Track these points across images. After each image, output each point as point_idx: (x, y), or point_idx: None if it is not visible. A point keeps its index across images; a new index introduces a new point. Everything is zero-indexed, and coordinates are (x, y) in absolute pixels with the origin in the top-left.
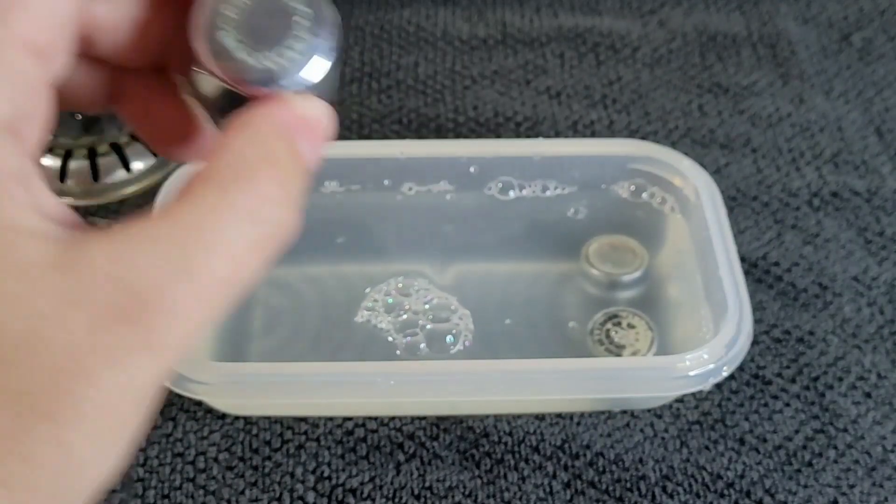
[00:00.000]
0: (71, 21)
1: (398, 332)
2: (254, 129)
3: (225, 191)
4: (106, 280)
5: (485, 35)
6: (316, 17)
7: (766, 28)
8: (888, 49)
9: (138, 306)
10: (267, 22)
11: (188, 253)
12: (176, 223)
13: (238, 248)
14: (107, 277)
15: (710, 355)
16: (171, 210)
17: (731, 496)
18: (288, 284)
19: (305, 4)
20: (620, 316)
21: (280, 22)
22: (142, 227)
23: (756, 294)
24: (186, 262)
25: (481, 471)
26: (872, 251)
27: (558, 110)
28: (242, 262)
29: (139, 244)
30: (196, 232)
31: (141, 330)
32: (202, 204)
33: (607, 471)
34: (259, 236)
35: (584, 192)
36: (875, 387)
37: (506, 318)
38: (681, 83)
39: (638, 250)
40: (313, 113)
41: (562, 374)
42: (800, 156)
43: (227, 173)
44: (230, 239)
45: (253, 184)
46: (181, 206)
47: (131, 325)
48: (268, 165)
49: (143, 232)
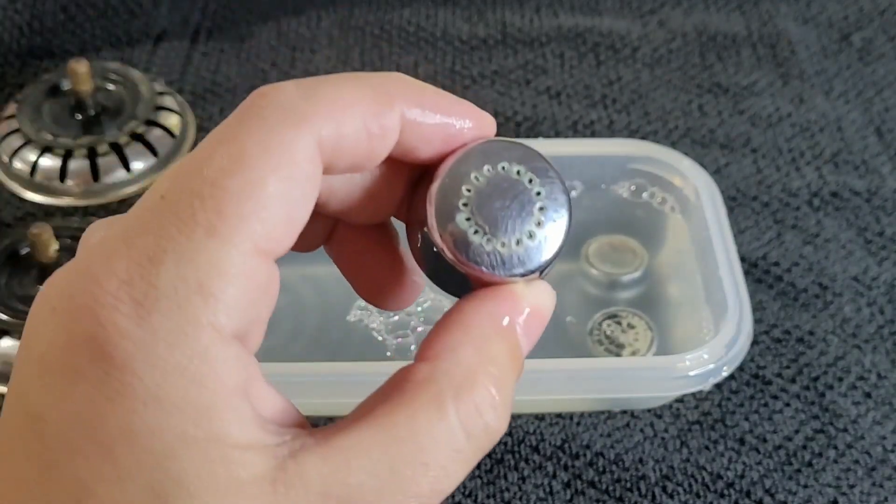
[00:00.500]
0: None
1: (389, 333)
2: (477, 331)
3: (442, 403)
4: (318, 497)
5: (485, 35)
6: (549, 196)
7: (766, 28)
8: (888, 49)
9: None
10: (500, 203)
11: (400, 471)
12: (389, 435)
13: (449, 463)
14: (319, 494)
15: (710, 355)
16: (385, 416)
17: (731, 496)
18: (287, 284)
19: (540, 184)
20: (620, 316)
21: (514, 203)
22: (355, 437)
23: (756, 294)
24: (396, 481)
25: (481, 471)
26: (872, 251)
27: (558, 110)
28: (450, 476)
29: (352, 459)
30: (409, 448)
31: None
32: (417, 417)
33: (607, 471)
34: (472, 449)
35: (584, 192)
36: (875, 387)
37: None
38: (681, 83)
39: (638, 250)
40: (539, 302)
41: (562, 373)
42: (800, 156)
43: (446, 382)
44: (443, 455)
45: (471, 395)
46: (395, 413)
47: None
48: (487, 375)
49: (356, 444)
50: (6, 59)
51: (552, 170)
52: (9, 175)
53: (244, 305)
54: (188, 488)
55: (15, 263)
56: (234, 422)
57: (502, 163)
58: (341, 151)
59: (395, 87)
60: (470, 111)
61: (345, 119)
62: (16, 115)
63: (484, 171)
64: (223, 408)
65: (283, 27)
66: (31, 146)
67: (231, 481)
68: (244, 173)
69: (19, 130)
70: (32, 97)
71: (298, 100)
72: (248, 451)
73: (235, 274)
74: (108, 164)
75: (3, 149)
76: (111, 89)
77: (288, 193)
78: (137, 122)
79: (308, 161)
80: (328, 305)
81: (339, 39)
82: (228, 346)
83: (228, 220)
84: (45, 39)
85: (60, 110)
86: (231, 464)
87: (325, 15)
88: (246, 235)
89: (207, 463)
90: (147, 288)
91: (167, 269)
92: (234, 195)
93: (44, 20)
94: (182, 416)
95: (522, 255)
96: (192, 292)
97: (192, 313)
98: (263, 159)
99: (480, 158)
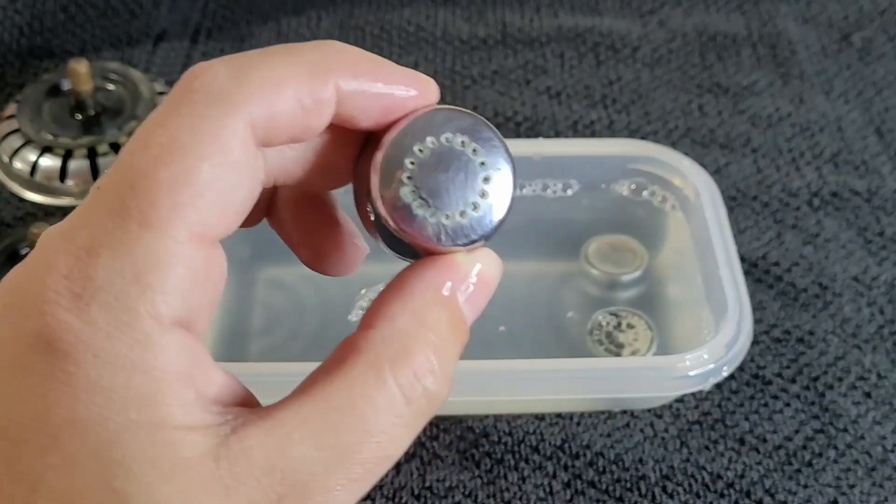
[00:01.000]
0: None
1: None
2: (415, 298)
3: (380, 371)
4: (262, 471)
5: (485, 35)
6: (493, 166)
7: (766, 28)
8: (888, 49)
9: (292, 494)
10: (444, 175)
11: (342, 440)
12: (329, 405)
13: (391, 429)
14: (262, 468)
15: (710, 355)
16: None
17: (731, 496)
18: (287, 284)
19: (484, 154)
20: (620, 316)
21: (458, 175)
22: (296, 410)
23: (756, 294)
24: (340, 450)
25: (481, 471)
26: (872, 251)
27: (558, 110)
28: (394, 441)
29: (294, 431)
30: (350, 416)
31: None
32: (356, 385)
33: (607, 471)
34: (412, 414)
35: (584, 192)
36: (875, 387)
37: (500, 325)
38: (681, 83)
39: (638, 250)
40: (483, 271)
41: (562, 374)
42: (800, 156)
43: (383, 349)
44: (384, 421)
45: (408, 361)
46: (334, 383)
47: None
48: (425, 341)
49: (297, 416)
50: (6, 59)
51: (497, 138)
52: (9, 175)
53: (184, 293)
54: (134, 472)
55: (15, 263)
56: (177, 405)
57: (446, 134)
58: (276, 128)
59: (329, 58)
60: (411, 78)
61: (277, 97)
62: (16, 115)
63: (427, 143)
64: (165, 393)
65: (283, 27)
66: (31, 146)
67: (175, 462)
68: (176, 162)
69: (19, 130)
70: (32, 97)
71: (228, 83)
72: (191, 431)
73: (172, 263)
74: (108, 165)
75: (3, 149)
76: (111, 89)
77: (221, 179)
78: (137, 122)
79: (241, 144)
80: (328, 305)
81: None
82: (169, 334)
83: (161, 210)
84: (45, 39)
85: (60, 110)
86: (175, 445)
87: (325, 15)
88: (181, 224)
89: (151, 446)
90: (85, 281)
91: (104, 262)
92: (166, 185)
93: (44, 20)
94: (125, 403)
95: (466, 225)
96: (128, 284)
97: (130, 304)
98: (194, 147)
99: (424, 129)
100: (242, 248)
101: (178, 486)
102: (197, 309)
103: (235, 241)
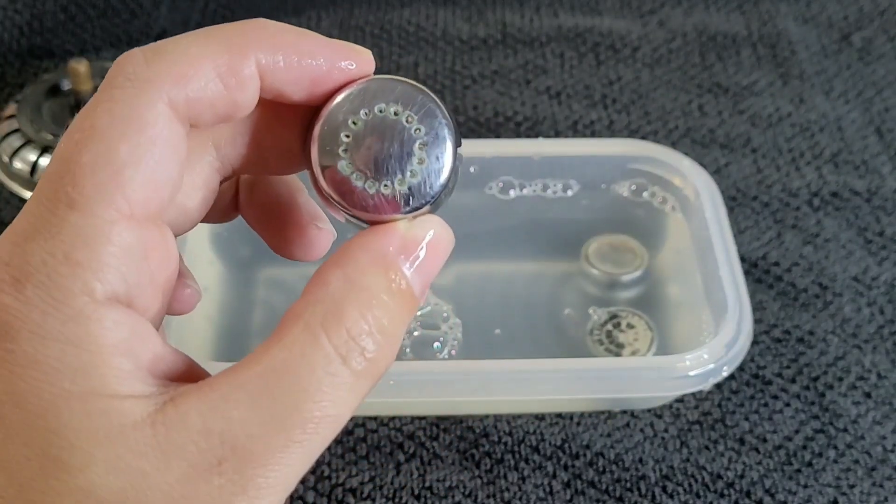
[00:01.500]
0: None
1: None
2: (350, 263)
3: (313, 332)
4: (199, 434)
5: (485, 35)
6: (430, 132)
7: (766, 28)
8: (888, 49)
9: (232, 457)
10: (379, 145)
11: (279, 401)
12: (266, 369)
13: (330, 388)
14: (199, 431)
15: (710, 355)
16: (262, 354)
17: (731, 496)
18: (288, 284)
19: (419, 120)
20: (620, 316)
21: (394, 144)
22: (233, 377)
23: (756, 294)
24: (278, 411)
25: (481, 471)
26: (872, 251)
27: (558, 110)
28: (335, 402)
29: (230, 394)
30: (285, 377)
31: (237, 479)
32: (292, 347)
33: (607, 471)
34: (352, 374)
35: (584, 192)
36: (875, 387)
37: (496, 328)
38: (681, 83)
39: (638, 250)
40: (424, 235)
41: (561, 374)
42: (800, 156)
43: (317, 311)
44: (321, 380)
45: (340, 321)
46: (271, 349)
47: (226, 476)
48: (357, 300)
49: (233, 381)
50: (6, 59)
51: (433, 104)
52: (9, 175)
53: (119, 270)
54: (69, 439)
55: None
56: (112, 376)
57: (379, 104)
58: (200, 107)
59: (248, 34)
60: (343, 50)
61: (193, 77)
62: (16, 115)
63: (361, 116)
64: (100, 364)
65: None
66: (31, 146)
67: (111, 429)
68: (95, 145)
69: (19, 130)
70: (32, 97)
71: (142, 66)
72: (126, 400)
73: (101, 241)
74: None
75: (3, 149)
76: None
77: (143, 158)
78: None
79: (161, 123)
80: None
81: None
82: (103, 309)
83: (84, 191)
84: (45, 39)
85: (60, 110)
86: (110, 413)
87: (325, 15)
88: (106, 204)
89: (87, 415)
90: (22, 265)
91: (37, 246)
92: (88, 167)
93: (44, 20)
94: (60, 376)
95: (406, 193)
96: (59, 263)
97: (62, 282)
98: (112, 129)
99: (357, 102)
100: (242, 248)
101: (114, 451)
102: (137, 287)
103: (235, 241)
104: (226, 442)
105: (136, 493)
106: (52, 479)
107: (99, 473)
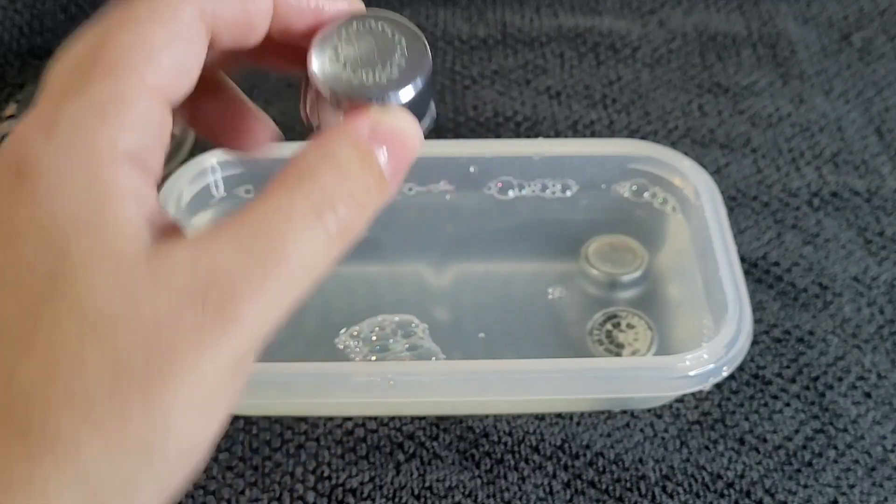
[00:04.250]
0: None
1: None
2: (326, 140)
3: (290, 189)
4: (187, 268)
5: (485, 35)
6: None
7: (766, 28)
8: (888, 49)
9: (216, 289)
10: (366, 45)
11: (261, 242)
12: (250, 219)
13: (307, 238)
14: (188, 266)
15: (710, 355)
16: (246, 209)
17: (731, 496)
18: None
19: (403, 35)
20: (620, 316)
21: (380, 47)
22: (220, 225)
23: (756, 294)
24: (259, 250)
25: (481, 471)
26: (872, 251)
27: (558, 110)
28: (312, 251)
29: (218, 237)
30: (267, 224)
31: (220, 310)
32: (271, 201)
33: (607, 471)
34: (324, 230)
35: (584, 192)
36: (875, 387)
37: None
38: (681, 83)
39: (638, 250)
40: (394, 124)
41: (562, 374)
42: (800, 156)
43: (294, 173)
44: (296, 227)
45: (314, 181)
46: (254, 205)
47: (210, 307)
48: (329, 165)
49: (221, 228)
50: (6, 59)
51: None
52: None
53: (138, 133)
54: (76, 262)
55: None
56: (120, 210)
57: (370, 21)
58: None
59: None
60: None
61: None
62: (16, 115)
63: (354, 26)
64: (109, 198)
65: None
66: None
67: (113, 256)
68: (134, 29)
69: None
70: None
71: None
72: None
73: (129, 103)
74: None
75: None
76: None
77: (173, 46)
78: None
79: (192, 22)
80: (328, 305)
81: None
82: (120, 158)
83: (120, 62)
84: (45, 39)
85: None
86: (114, 243)
87: None
88: (138, 78)
89: (94, 240)
90: (54, 116)
91: (70, 102)
92: (126, 45)
93: (44, 20)
94: (75, 204)
95: (384, 85)
96: (89, 115)
97: (89, 132)
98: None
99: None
100: None
101: (113, 277)
102: (150, 150)
103: None
104: (210, 276)
105: (128, 317)
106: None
107: (98, 296)
